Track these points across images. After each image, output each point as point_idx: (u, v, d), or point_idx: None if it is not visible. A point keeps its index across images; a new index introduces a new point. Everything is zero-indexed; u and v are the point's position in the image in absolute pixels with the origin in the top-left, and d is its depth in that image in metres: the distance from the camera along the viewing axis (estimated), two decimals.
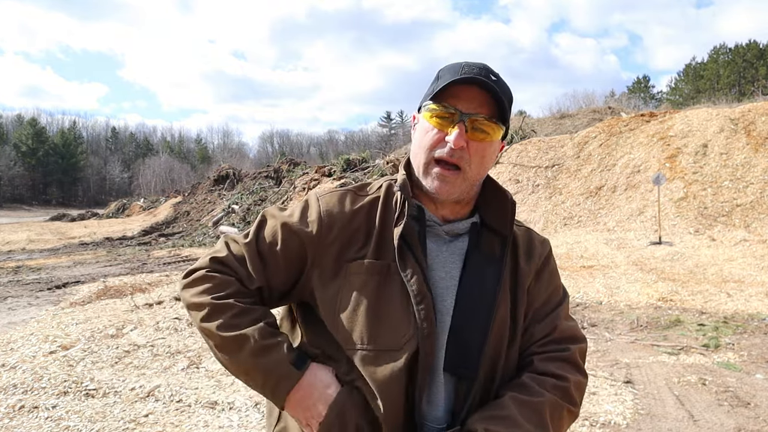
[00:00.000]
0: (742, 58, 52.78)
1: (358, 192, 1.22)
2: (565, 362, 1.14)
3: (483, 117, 1.08)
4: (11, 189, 72.89)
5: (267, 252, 1.13)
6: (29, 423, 3.63)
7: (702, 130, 13.92)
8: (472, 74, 1.07)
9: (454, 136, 1.06)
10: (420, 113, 1.16)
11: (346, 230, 1.14)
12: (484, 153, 1.11)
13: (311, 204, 1.18)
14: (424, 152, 1.12)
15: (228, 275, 1.12)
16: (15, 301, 8.07)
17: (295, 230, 1.14)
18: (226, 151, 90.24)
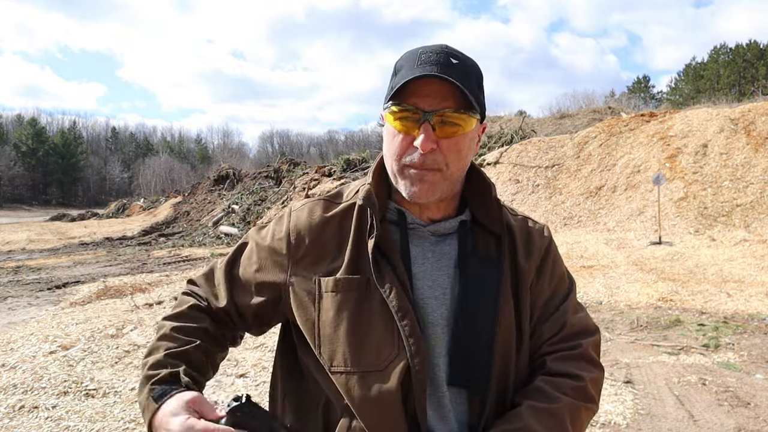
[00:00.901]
0: (742, 58, 52.79)
1: (332, 200, 1.14)
2: (580, 359, 1.08)
3: (450, 110, 0.98)
4: (11, 189, 72.89)
5: (238, 274, 1.12)
6: (29, 423, 3.63)
7: (702, 130, 13.92)
8: (429, 64, 0.98)
9: (421, 140, 0.97)
10: (384, 112, 1.07)
11: (316, 244, 1.07)
12: (458, 147, 1.02)
13: (283, 220, 1.13)
14: (394, 160, 1.03)
15: (190, 295, 1.16)
16: (15, 301, 8.07)
17: (266, 250, 1.10)
18: (226, 151, 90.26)
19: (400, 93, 0.99)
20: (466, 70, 1.01)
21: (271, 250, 1.10)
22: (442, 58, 0.99)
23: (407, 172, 1.02)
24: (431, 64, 0.98)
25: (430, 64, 0.98)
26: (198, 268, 11.15)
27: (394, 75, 1.06)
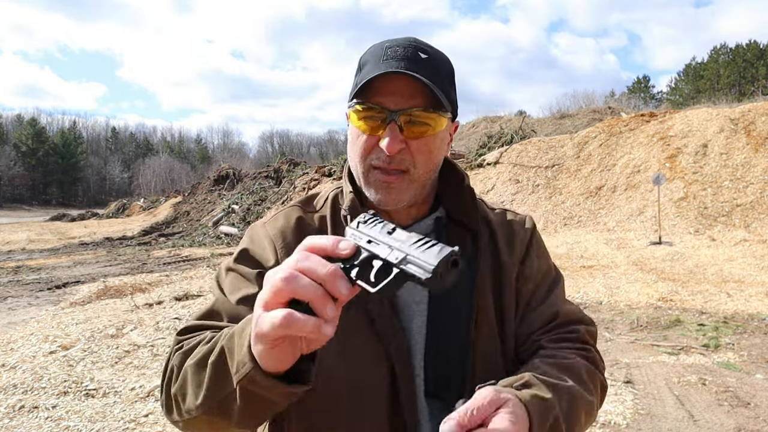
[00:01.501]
0: (742, 58, 52.81)
1: (306, 208, 1.07)
2: (577, 342, 1.01)
3: (418, 110, 0.92)
4: (11, 189, 72.91)
5: (230, 311, 0.96)
6: (29, 423, 3.63)
7: (702, 130, 13.92)
8: (396, 60, 0.92)
9: (387, 141, 0.91)
10: (348, 111, 1.00)
11: None
12: (428, 148, 0.96)
13: (258, 237, 1.03)
14: (359, 162, 0.97)
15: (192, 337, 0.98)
16: (15, 301, 8.07)
17: (250, 276, 0.98)
18: (226, 151, 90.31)
19: (365, 91, 0.93)
20: (436, 65, 0.95)
21: (256, 273, 0.97)
22: (410, 53, 0.93)
23: (373, 176, 0.96)
24: (398, 60, 0.92)
25: (397, 59, 0.92)
26: (198, 268, 11.16)
27: (358, 71, 0.99)
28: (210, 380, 0.78)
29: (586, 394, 0.90)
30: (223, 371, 0.75)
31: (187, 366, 0.82)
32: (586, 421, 0.90)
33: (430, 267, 0.54)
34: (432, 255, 0.55)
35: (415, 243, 0.58)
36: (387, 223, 0.65)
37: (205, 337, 0.86)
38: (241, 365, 0.71)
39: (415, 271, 0.55)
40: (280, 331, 0.61)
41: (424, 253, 0.56)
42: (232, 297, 0.96)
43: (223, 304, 0.96)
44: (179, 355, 0.86)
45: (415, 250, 0.57)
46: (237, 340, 0.74)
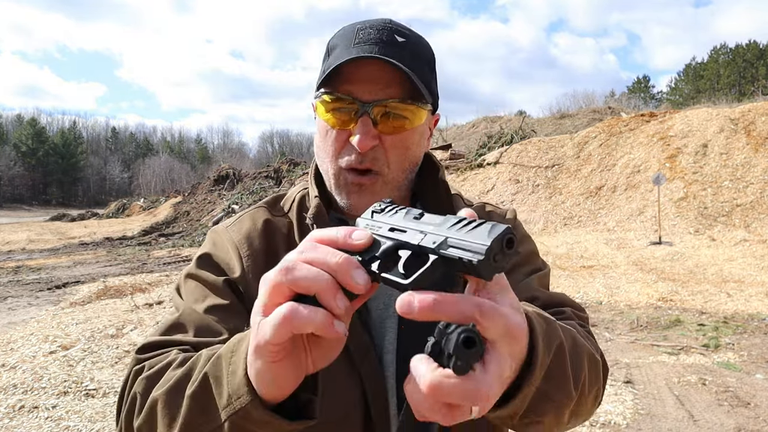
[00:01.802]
0: (742, 58, 52.83)
1: (273, 210, 0.97)
2: (566, 319, 0.87)
3: (395, 101, 0.81)
4: (11, 189, 72.92)
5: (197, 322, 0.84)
6: (29, 423, 3.63)
7: (702, 130, 13.93)
8: (368, 43, 0.81)
9: (358, 137, 0.81)
10: (315, 102, 0.88)
11: (270, 261, 0.86)
12: (406, 144, 0.86)
13: (221, 241, 0.92)
14: (329, 162, 0.87)
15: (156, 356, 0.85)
16: (15, 301, 8.07)
17: (215, 284, 0.87)
18: (226, 151, 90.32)
19: (333, 79, 0.82)
20: (414, 50, 0.84)
21: (221, 272, 0.88)
22: (385, 36, 0.82)
23: (343, 178, 0.86)
24: (371, 43, 0.81)
25: (370, 42, 0.81)
26: None
27: (326, 56, 0.88)
28: (188, 415, 0.64)
29: (591, 350, 0.77)
30: (206, 404, 0.62)
31: (156, 396, 0.68)
32: (590, 381, 0.74)
33: (483, 247, 0.44)
34: (482, 234, 0.46)
35: (455, 225, 0.49)
36: (411, 209, 0.57)
37: (174, 359, 0.73)
38: (234, 396, 0.59)
39: (461, 255, 0.45)
40: (283, 330, 0.50)
41: (469, 233, 0.47)
42: (197, 306, 0.84)
43: (188, 315, 0.84)
44: (143, 381, 0.72)
45: (457, 231, 0.48)
46: (226, 366, 0.61)
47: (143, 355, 0.79)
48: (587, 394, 0.74)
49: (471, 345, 0.43)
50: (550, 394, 0.64)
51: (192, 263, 0.92)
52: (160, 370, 0.72)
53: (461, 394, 0.43)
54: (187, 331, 0.82)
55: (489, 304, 0.46)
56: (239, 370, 0.59)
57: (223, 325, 0.81)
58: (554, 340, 0.64)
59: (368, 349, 0.84)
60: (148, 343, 0.81)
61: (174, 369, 0.70)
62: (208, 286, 0.87)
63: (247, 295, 0.86)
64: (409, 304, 0.45)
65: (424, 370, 0.44)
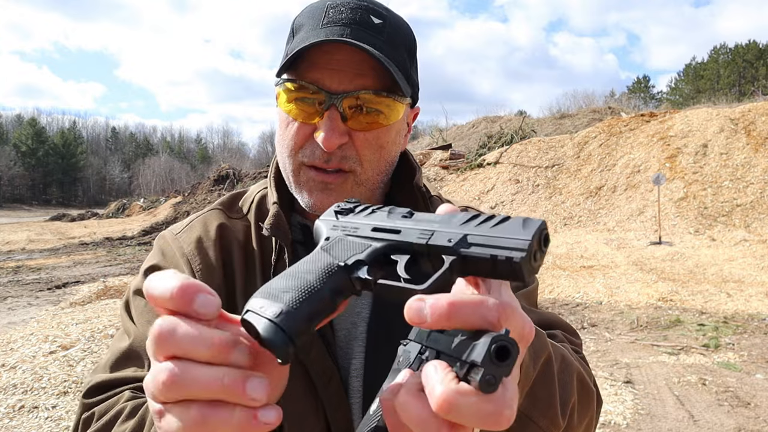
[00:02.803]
0: (742, 58, 52.82)
1: (229, 212, 0.85)
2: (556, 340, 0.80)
3: (368, 92, 0.70)
4: (11, 189, 72.90)
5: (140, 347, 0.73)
6: (29, 423, 3.63)
7: (702, 130, 13.93)
8: (339, 25, 0.70)
9: (323, 135, 0.70)
10: (276, 89, 0.78)
11: (227, 274, 0.79)
12: (380, 142, 0.75)
13: (170, 251, 0.81)
14: (288, 156, 0.76)
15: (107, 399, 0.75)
16: (15, 301, 8.07)
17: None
18: (226, 151, 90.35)
19: (297, 64, 0.71)
20: (393, 34, 0.73)
21: None
22: (359, 16, 0.71)
23: (305, 175, 0.75)
24: (342, 24, 0.70)
25: (341, 23, 0.70)
26: None
27: (291, 37, 0.77)
28: None
29: (584, 373, 0.71)
30: None
31: None
32: (580, 408, 0.67)
33: (524, 243, 0.36)
34: (515, 229, 0.37)
35: (469, 221, 0.40)
36: (395, 208, 0.48)
37: (123, 408, 0.63)
38: None
39: (496, 254, 0.37)
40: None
41: (496, 229, 0.38)
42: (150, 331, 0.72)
43: (141, 342, 0.71)
44: None
45: (477, 228, 0.39)
46: None
47: (91, 399, 0.68)
48: (577, 424, 0.65)
49: (506, 356, 0.34)
50: (534, 417, 0.58)
51: (139, 276, 0.81)
52: (109, 424, 0.62)
53: (479, 417, 0.34)
54: (141, 362, 0.71)
55: (512, 305, 0.38)
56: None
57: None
58: (542, 353, 0.57)
59: (332, 374, 0.73)
60: (95, 384, 0.70)
61: (123, 422, 0.60)
62: (150, 313, 0.75)
63: None
64: (419, 310, 0.36)
65: (440, 379, 0.35)
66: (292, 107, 0.73)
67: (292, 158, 0.76)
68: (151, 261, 0.81)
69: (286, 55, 0.74)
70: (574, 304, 7.03)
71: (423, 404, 0.36)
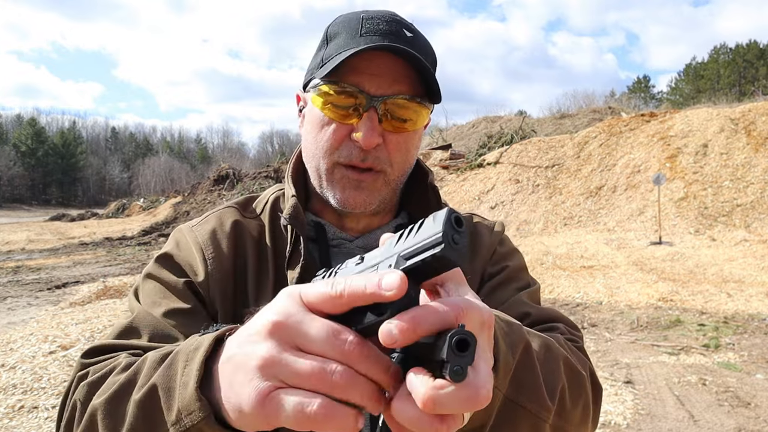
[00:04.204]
0: (743, 58, 52.83)
1: (243, 211, 0.90)
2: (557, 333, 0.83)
3: (403, 97, 0.76)
4: (11, 189, 72.89)
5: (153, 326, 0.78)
6: (29, 423, 3.62)
7: (702, 130, 13.92)
8: (377, 35, 0.76)
9: (364, 133, 0.75)
10: (308, 93, 0.82)
11: (238, 265, 0.84)
12: (407, 146, 0.81)
13: (185, 241, 0.86)
14: (323, 157, 0.80)
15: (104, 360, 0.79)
16: (15, 301, 8.06)
17: (175, 286, 0.81)
18: (226, 151, 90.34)
19: (336, 69, 0.75)
20: (423, 48, 0.80)
21: (182, 273, 0.82)
22: (394, 28, 0.77)
23: (339, 174, 0.80)
24: (381, 35, 0.76)
25: (379, 33, 0.76)
26: None
27: (324, 44, 0.81)
28: (132, 428, 0.56)
29: (573, 360, 0.72)
30: (153, 417, 0.55)
31: (96, 404, 0.60)
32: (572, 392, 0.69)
33: (438, 236, 0.40)
34: (429, 228, 0.42)
35: (399, 240, 0.45)
36: (347, 261, 0.52)
37: (118, 363, 0.65)
38: (185, 412, 0.51)
39: (423, 257, 0.41)
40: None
41: (417, 235, 0.43)
42: (154, 310, 0.78)
43: (143, 318, 0.77)
44: (84, 386, 0.64)
45: (404, 243, 0.44)
46: (180, 376, 0.53)
47: (88, 359, 0.71)
48: (570, 408, 0.68)
49: (465, 347, 0.39)
50: (521, 401, 0.61)
51: (151, 263, 0.86)
52: (103, 376, 0.64)
53: (460, 403, 0.39)
54: (140, 336, 0.75)
55: (464, 301, 0.43)
56: (191, 381, 0.51)
57: (181, 330, 0.75)
58: (519, 342, 0.61)
59: None
60: (95, 346, 0.74)
61: (117, 374, 0.63)
62: (168, 288, 0.81)
63: (209, 299, 0.81)
64: (389, 333, 0.39)
65: (420, 382, 0.39)
66: (329, 109, 0.78)
67: (327, 158, 0.80)
68: (165, 250, 0.86)
69: (321, 62, 0.79)
70: (574, 304, 7.03)
71: (412, 406, 0.40)
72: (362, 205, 0.81)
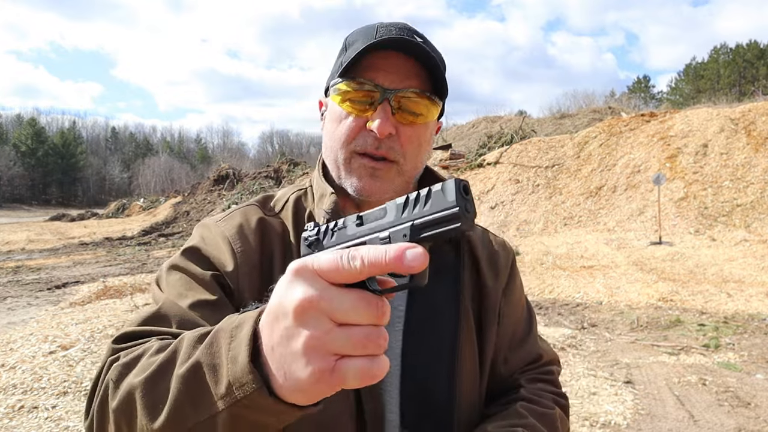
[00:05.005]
0: (743, 57, 52.80)
1: (263, 208, 0.95)
2: (552, 385, 1.01)
3: (414, 91, 0.84)
4: (11, 189, 72.86)
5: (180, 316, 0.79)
6: (29, 423, 3.62)
7: (702, 130, 13.92)
8: (391, 36, 0.83)
9: (378, 121, 0.82)
10: (328, 97, 0.90)
11: (264, 259, 0.87)
12: (419, 140, 0.88)
13: (212, 235, 0.89)
14: (341, 147, 0.87)
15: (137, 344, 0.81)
16: (15, 301, 8.07)
17: (203, 278, 0.83)
18: (226, 151, 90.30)
19: (353, 68, 0.84)
20: (432, 50, 0.87)
21: (210, 266, 0.85)
22: (405, 34, 0.86)
23: (356, 163, 0.86)
24: (393, 38, 0.84)
25: (392, 37, 0.85)
26: None
27: (343, 51, 0.91)
28: (175, 404, 0.58)
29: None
30: (198, 393, 0.56)
31: (134, 383, 0.62)
32: None
33: (454, 210, 0.42)
34: (440, 200, 0.44)
35: (405, 208, 0.47)
36: (346, 219, 0.54)
37: (151, 346, 0.68)
38: (237, 384, 0.53)
39: (442, 229, 0.44)
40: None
41: (426, 206, 0.45)
42: (181, 301, 0.80)
43: (170, 308, 0.79)
44: (118, 367, 0.67)
45: (412, 211, 0.46)
46: (225, 352, 0.55)
47: (119, 345, 0.73)
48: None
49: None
50: None
51: (176, 256, 0.88)
52: (137, 357, 0.67)
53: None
54: (169, 325, 0.77)
55: None
56: (241, 355, 0.52)
57: (208, 321, 0.76)
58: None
59: None
60: (125, 332, 0.76)
61: (152, 355, 0.65)
62: (195, 280, 0.83)
63: (237, 291, 0.83)
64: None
65: None
66: (347, 104, 0.86)
67: (344, 148, 0.87)
68: (192, 243, 0.89)
69: (341, 64, 0.87)
70: (574, 304, 7.03)
71: None
72: (378, 193, 0.87)
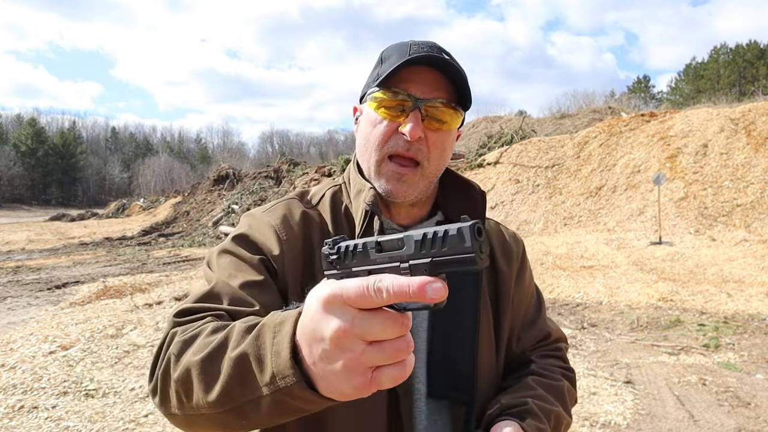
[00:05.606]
0: (743, 57, 52.79)
1: (302, 201, 1.05)
2: (561, 360, 1.14)
3: (441, 102, 0.95)
4: (11, 189, 72.86)
5: (232, 295, 0.88)
6: (29, 423, 3.62)
7: (702, 130, 13.92)
8: (423, 53, 0.94)
9: (410, 126, 0.93)
10: (364, 103, 1.02)
11: (306, 247, 0.98)
12: (443, 145, 0.99)
13: (259, 224, 0.99)
14: (375, 149, 0.98)
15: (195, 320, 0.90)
16: (15, 301, 8.07)
17: (252, 261, 0.93)
18: (226, 151, 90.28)
19: (388, 80, 0.95)
20: (458, 66, 0.98)
21: (258, 251, 0.94)
22: (436, 51, 0.96)
23: (385, 167, 0.97)
24: (425, 54, 0.95)
25: (423, 53, 0.95)
26: (198, 268, 11.15)
27: (379, 64, 1.01)
28: (227, 384, 0.66)
29: (567, 416, 1.03)
30: (246, 378, 0.64)
31: (192, 362, 0.70)
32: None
33: (470, 255, 0.48)
34: (455, 242, 0.49)
35: (423, 242, 0.52)
36: (366, 241, 0.58)
37: (207, 326, 0.75)
38: (279, 376, 0.59)
39: (457, 269, 0.49)
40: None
41: (445, 245, 0.50)
42: (232, 281, 0.89)
43: (222, 287, 0.89)
44: (179, 343, 0.75)
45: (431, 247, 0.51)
46: (269, 346, 0.61)
47: (180, 318, 0.82)
48: None
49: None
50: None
51: (226, 241, 0.98)
52: (195, 335, 0.75)
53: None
54: (221, 302, 0.86)
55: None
56: (284, 351, 0.59)
57: (256, 300, 0.87)
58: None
59: None
60: (184, 308, 0.85)
61: (207, 336, 0.72)
62: (244, 262, 0.93)
63: (282, 274, 0.93)
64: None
65: None
66: (382, 111, 0.96)
67: (378, 150, 0.97)
68: (240, 231, 0.99)
69: (377, 76, 0.97)
70: (574, 304, 7.03)
71: None
72: (403, 196, 0.98)
